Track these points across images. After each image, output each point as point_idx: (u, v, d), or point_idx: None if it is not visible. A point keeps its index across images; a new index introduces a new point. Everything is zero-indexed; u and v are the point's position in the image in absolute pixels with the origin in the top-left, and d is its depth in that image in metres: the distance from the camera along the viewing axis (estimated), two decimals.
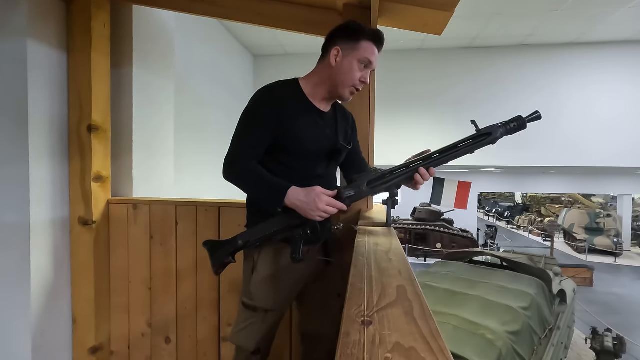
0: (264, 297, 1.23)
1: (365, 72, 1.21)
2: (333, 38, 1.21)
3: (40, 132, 1.61)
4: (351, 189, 1.15)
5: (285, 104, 1.18)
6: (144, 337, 1.83)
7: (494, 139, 1.08)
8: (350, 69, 1.19)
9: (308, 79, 1.26)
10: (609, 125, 5.55)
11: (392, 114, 5.89)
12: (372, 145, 1.61)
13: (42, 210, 1.63)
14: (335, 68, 1.20)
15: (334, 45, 1.20)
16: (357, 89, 1.23)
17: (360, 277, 0.68)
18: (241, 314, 1.27)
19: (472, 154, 1.12)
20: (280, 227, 1.17)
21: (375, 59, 1.21)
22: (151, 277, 1.81)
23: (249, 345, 1.25)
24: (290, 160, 1.21)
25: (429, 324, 0.47)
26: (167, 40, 2.26)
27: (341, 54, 1.19)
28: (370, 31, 1.20)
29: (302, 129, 1.19)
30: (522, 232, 17.60)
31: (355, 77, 1.20)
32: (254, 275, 1.24)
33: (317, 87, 1.24)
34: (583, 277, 8.37)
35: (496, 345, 2.37)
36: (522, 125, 1.08)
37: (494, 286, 3.36)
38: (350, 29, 1.20)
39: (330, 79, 1.22)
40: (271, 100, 1.18)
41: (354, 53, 1.18)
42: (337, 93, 1.23)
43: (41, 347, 1.64)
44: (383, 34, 1.22)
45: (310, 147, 1.21)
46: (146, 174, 2.05)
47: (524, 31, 5.28)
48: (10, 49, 1.55)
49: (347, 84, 1.21)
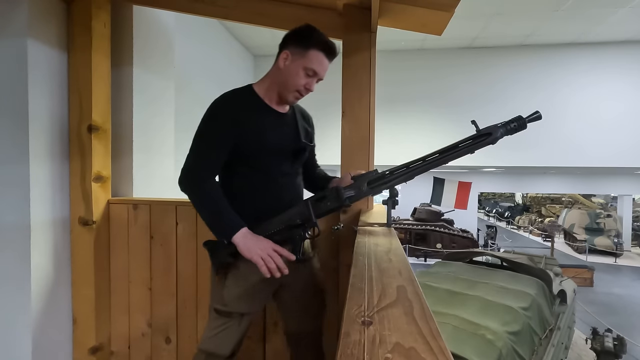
0: (239, 302, 1.23)
1: (311, 80, 1.22)
2: (286, 41, 1.22)
3: (41, 132, 1.61)
4: (351, 189, 1.15)
5: (241, 110, 1.19)
6: (144, 337, 1.83)
7: (494, 139, 1.08)
8: (295, 74, 1.19)
9: (261, 83, 1.28)
10: (609, 125, 5.55)
11: (392, 114, 5.89)
12: (372, 145, 1.60)
13: (42, 210, 1.63)
14: (282, 71, 1.21)
15: (285, 49, 1.21)
16: (302, 95, 1.24)
17: (360, 277, 0.68)
18: (214, 320, 1.25)
19: (472, 154, 1.12)
20: (280, 228, 1.18)
21: (322, 69, 1.21)
22: (151, 277, 1.81)
23: (225, 351, 1.24)
24: (254, 162, 1.22)
25: (429, 324, 0.47)
26: (167, 40, 2.26)
27: (290, 58, 1.19)
28: (322, 41, 1.19)
29: (262, 130, 1.21)
30: (522, 232, 17.59)
31: (299, 83, 1.20)
32: (227, 280, 1.24)
33: (269, 91, 1.26)
34: (583, 278, 8.37)
35: (496, 345, 2.37)
36: (523, 125, 1.08)
37: (494, 286, 3.36)
38: (302, 36, 1.20)
39: (278, 82, 1.23)
40: (227, 109, 1.19)
41: (301, 60, 1.18)
42: (282, 96, 1.25)
43: (41, 347, 1.64)
44: (335, 46, 1.22)
45: (272, 147, 1.23)
46: (146, 174, 2.05)
47: (524, 31, 5.28)
48: (11, 49, 1.55)
49: (291, 88, 1.22)
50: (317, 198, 1.18)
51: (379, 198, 1.38)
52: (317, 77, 1.23)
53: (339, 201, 1.15)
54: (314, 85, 1.23)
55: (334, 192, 1.16)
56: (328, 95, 3.31)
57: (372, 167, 1.55)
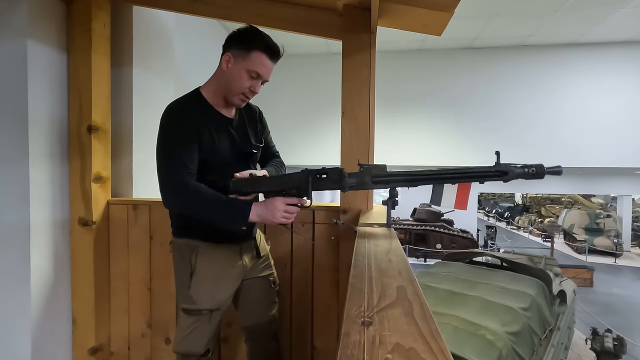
0: (207, 299, 1.25)
1: (256, 82, 1.21)
2: (228, 43, 1.20)
3: (40, 132, 1.61)
4: (354, 178, 1.14)
5: (196, 119, 1.18)
6: (144, 338, 1.83)
7: (507, 179, 1.07)
8: (239, 77, 1.18)
9: (208, 87, 1.26)
10: (609, 125, 5.56)
11: (392, 114, 5.88)
12: (372, 145, 1.60)
13: (42, 211, 1.63)
14: (226, 73, 1.20)
15: (227, 51, 1.19)
16: (248, 97, 1.24)
17: (360, 277, 0.68)
18: (183, 320, 1.26)
19: (481, 183, 1.11)
20: (275, 189, 1.17)
21: (266, 71, 1.20)
22: (151, 277, 1.81)
23: (199, 349, 1.26)
24: (209, 168, 1.21)
25: (429, 324, 0.47)
26: (167, 40, 2.26)
27: (232, 60, 1.18)
28: (264, 43, 1.18)
29: (214, 142, 1.21)
30: (522, 232, 17.59)
31: (243, 85, 1.19)
32: (193, 279, 1.25)
33: (215, 95, 1.25)
34: (583, 278, 8.36)
35: (496, 345, 2.37)
36: (541, 174, 1.06)
37: (494, 287, 3.36)
38: (244, 37, 1.18)
39: (222, 85, 1.22)
40: (183, 117, 1.18)
41: (244, 62, 1.17)
42: (228, 100, 1.24)
43: (41, 348, 1.64)
44: (278, 47, 1.21)
45: (225, 157, 1.24)
46: (146, 175, 2.04)
47: (524, 32, 5.28)
48: (10, 49, 1.55)
49: (235, 91, 1.21)
50: (319, 174, 1.15)
51: (379, 198, 1.38)
52: (262, 79, 1.22)
53: (339, 186, 1.14)
54: (259, 87, 1.22)
55: (336, 175, 1.14)
56: (328, 95, 3.31)
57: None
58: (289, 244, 1.69)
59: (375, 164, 1.16)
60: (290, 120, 6.21)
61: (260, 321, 1.42)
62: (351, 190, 1.16)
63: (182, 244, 1.29)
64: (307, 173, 1.15)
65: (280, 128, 5.37)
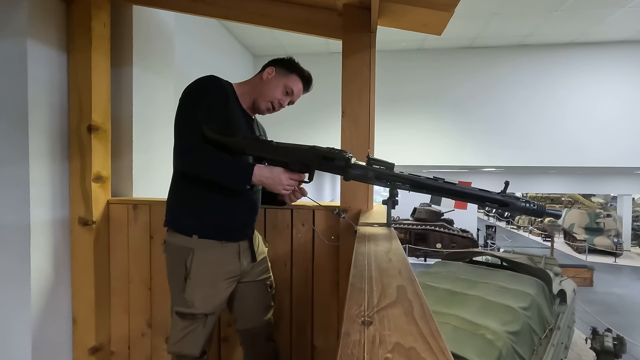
0: (202, 303, 1.25)
1: (286, 98, 1.35)
2: (272, 62, 1.36)
3: (40, 132, 1.61)
4: (359, 170, 1.15)
5: (228, 97, 1.28)
6: (144, 337, 1.83)
7: (506, 210, 1.11)
8: (276, 87, 1.33)
9: (240, 86, 1.37)
10: (609, 125, 5.55)
11: (392, 114, 5.88)
12: (372, 145, 1.61)
13: (42, 210, 1.63)
14: (264, 81, 1.34)
15: (271, 66, 1.35)
16: (273, 108, 1.35)
17: (360, 277, 0.68)
18: (178, 323, 1.28)
19: (481, 208, 1.14)
20: (280, 160, 1.19)
21: (297, 93, 1.36)
22: (151, 277, 1.81)
23: (195, 352, 1.27)
24: None
25: (429, 324, 0.47)
26: (167, 40, 2.26)
27: (274, 73, 1.34)
28: (304, 73, 1.37)
29: (236, 122, 1.29)
30: (522, 232, 17.61)
31: (276, 95, 1.33)
32: (188, 283, 1.25)
33: (244, 95, 1.35)
34: (583, 277, 8.37)
35: (496, 345, 2.37)
36: (540, 214, 1.12)
37: (494, 286, 3.36)
38: (289, 63, 1.35)
39: (256, 90, 1.35)
40: (218, 88, 1.27)
41: (283, 78, 1.33)
42: (256, 103, 1.35)
43: (41, 347, 1.64)
44: (312, 81, 1.39)
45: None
46: (146, 174, 2.04)
47: (524, 31, 5.28)
48: (10, 49, 1.55)
49: (267, 98, 1.33)
50: (326, 156, 1.16)
51: (379, 198, 1.39)
52: (291, 99, 1.36)
53: (343, 173, 1.16)
54: (285, 104, 1.36)
55: (342, 162, 1.15)
56: (328, 95, 3.31)
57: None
58: (289, 244, 1.69)
59: (383, 161, 1.16)
60: (290, 120, 6.21)
61: (255, 325, 1.42)
62: (353, 182, 1.19)
63: (177, 245, 1.28)
64: (313, 152, 1.17)
65: (281, 128, 5.37)
